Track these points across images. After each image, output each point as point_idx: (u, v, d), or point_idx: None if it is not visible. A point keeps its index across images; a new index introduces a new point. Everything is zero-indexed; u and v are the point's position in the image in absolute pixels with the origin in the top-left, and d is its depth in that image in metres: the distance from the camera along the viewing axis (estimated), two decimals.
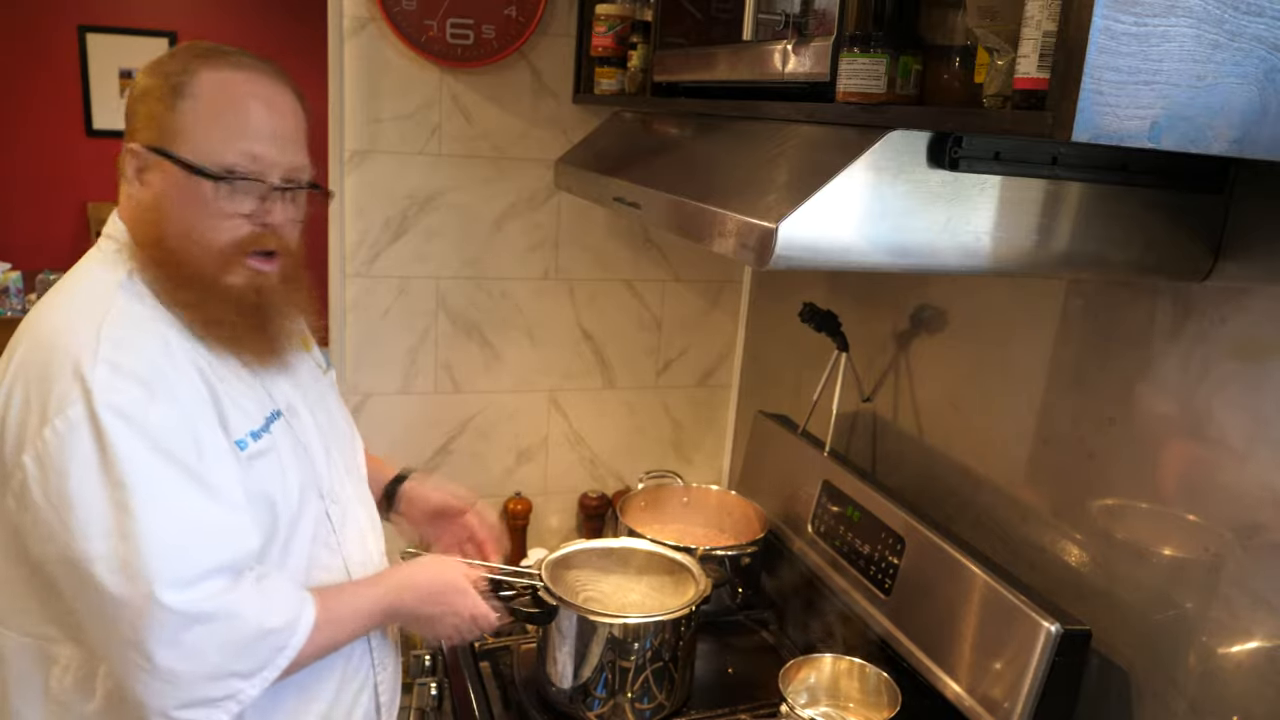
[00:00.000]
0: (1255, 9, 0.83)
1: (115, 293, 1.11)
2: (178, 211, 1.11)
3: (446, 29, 2.02)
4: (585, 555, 1.64)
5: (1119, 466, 1.31)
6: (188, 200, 1.11)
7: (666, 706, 1.51)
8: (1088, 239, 1.09)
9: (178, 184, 1.11)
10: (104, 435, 1.01)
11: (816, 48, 1.16)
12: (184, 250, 1.12)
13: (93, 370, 1.02)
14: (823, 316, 1.80)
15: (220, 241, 1.12)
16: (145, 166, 1.12)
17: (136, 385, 1.04)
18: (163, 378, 1.07)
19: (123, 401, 1.02)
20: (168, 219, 1.12)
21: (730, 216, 1.09)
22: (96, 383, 1.02)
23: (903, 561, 1.50)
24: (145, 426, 1.03)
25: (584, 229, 2.26)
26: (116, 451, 1.01)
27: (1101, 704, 1.31)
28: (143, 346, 1.08)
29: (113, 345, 1.05)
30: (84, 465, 1.01)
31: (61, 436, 1.01)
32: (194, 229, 1.11)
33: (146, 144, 1.11)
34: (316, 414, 1.30)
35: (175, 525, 1.03)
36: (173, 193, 1.11)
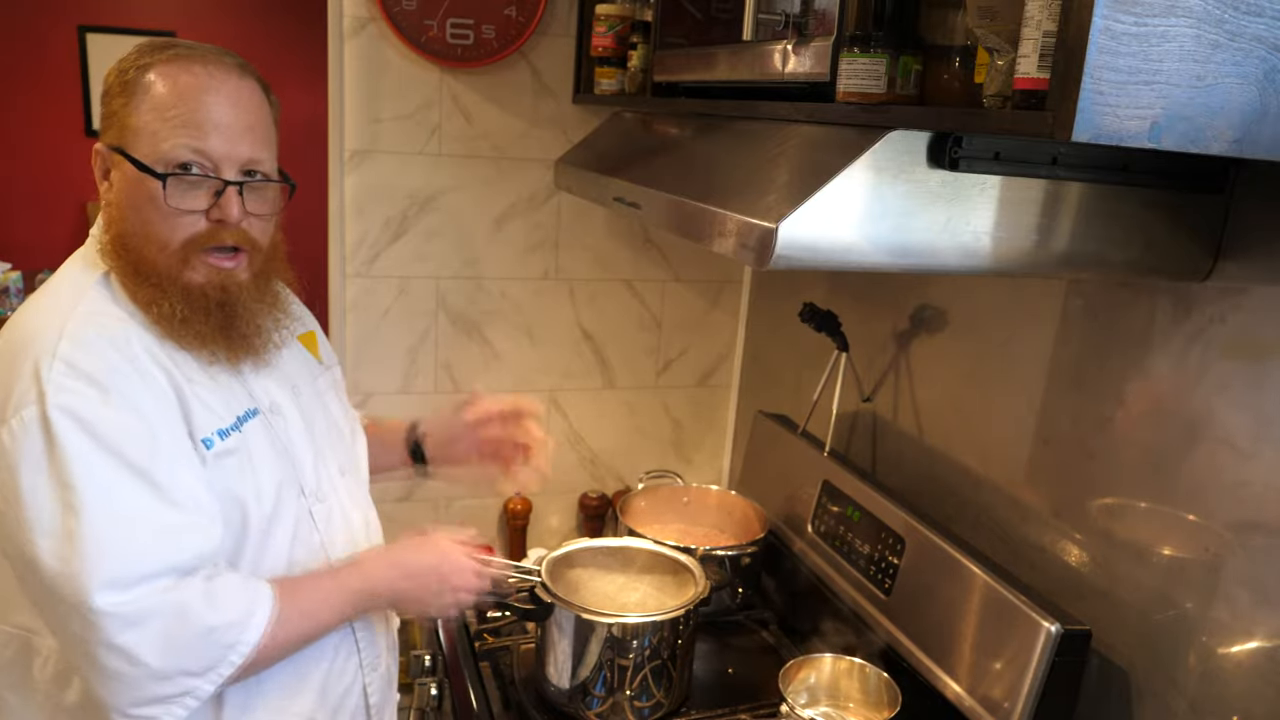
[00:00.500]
0: (1255, 9, 0.83)
1: (87, 291, 1.11)
2: (135, 210, 1.11)
3: (446, 29, 2.02)
4: (587, 554, 1.64)
5: (1119, 466, 1.31)
6: (142, 199, 1.10)
7: (665, 705, 1.51)
8: (1088, 239, 1.09)
9: (132, 183, 1.10)
10: (54, 435, 1.01)
11: (816, 48, 1.16)
12: (143, 249, 1.11)
13: (49, 370, 1.03)
14: (823, 316, 1.80)
15: (176, 239, 1.11)
16: (109, 166, 1.13)
17: (90, 385, 1.04)
18: (118, 378, 1.06)
19: (75, 402, 1.02)
20: (126, 218, 1.12)
21: (730, 216, 1.09)
22: (51, 382, 1.02)
23: (903, 561, 1.50)
24: (95, 427, 1.03)
25: (584, 229, 2.26)
26: (65, 452, 1.01)
27: (1101, 704, 1.31)
28: (102, 346, 1.07)
29: (72, 344, 1.05)
30: (34, 465, 1.01)
31: (15, 436, 1.02)
32: (150, 227, 1.11)
33: (108, 144, 1.12)
34: (309, 412, 1.29)
35: (118, 527, 1.03)
36: (129, 192, 1.11)
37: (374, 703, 1.34)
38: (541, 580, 1.50)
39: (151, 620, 1.03)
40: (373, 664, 1.33)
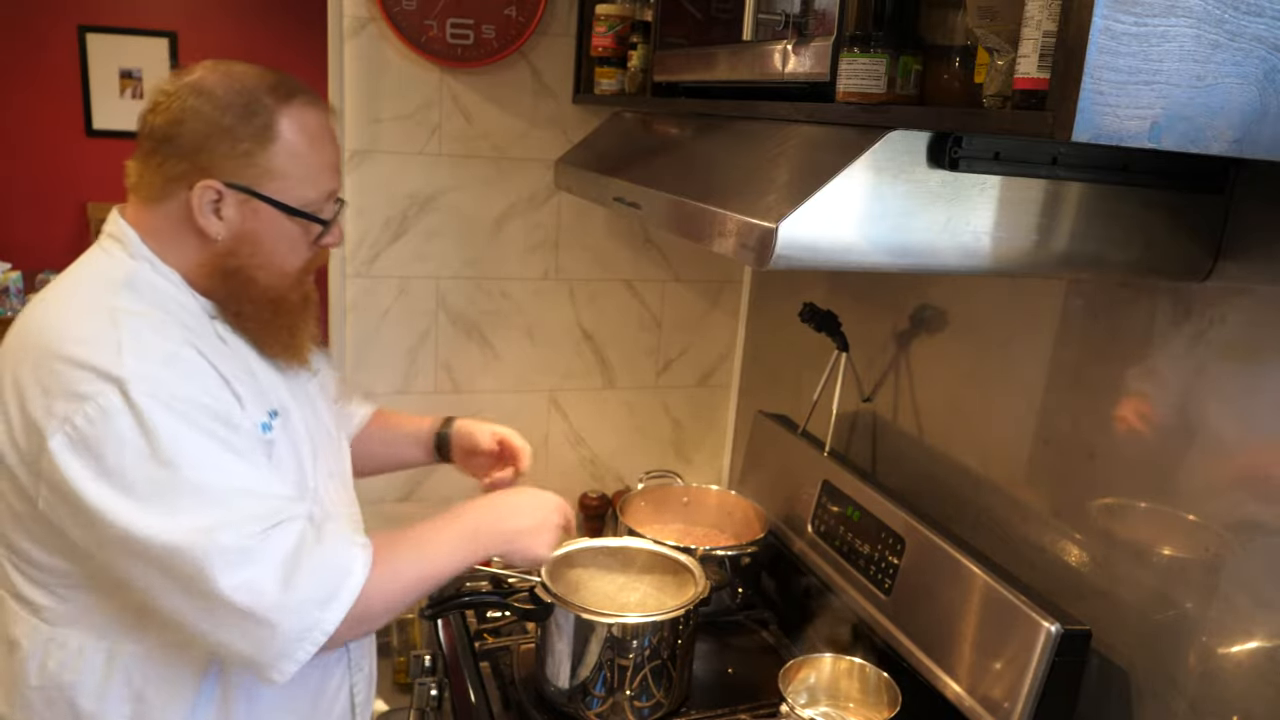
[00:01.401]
0: (1255, 9, 0.83)
1: (121, 294, 1.12)
2: (266, 244, 1.16)
3: (446, 29, 2.02)
4: (588, 554, 1.64)
5: (1119, 466, 1.31)
6: (279, 235, 1.16)
7: (665, 705, 1.51)
8: (1088, 239, 1.09)
9: (268, 221, 1.15)
10: (142, 416, 1.03)
11: (816, 48, 1.16)
12: (259, 277, 1.17)
13: (120, 363, 1.04)
14: (823, 316, 1.80)
15: (297, 268, 1.21)
16: (224, 202, 1.13)
17: (162, 368, 1.06)
18: (183, 361, 1.09)
19: (155, 387, 1.04)
20: (253, 251, 1.16)
21: (730, 216, 1.09)
22: (126, 371, 1.03)
23: (903, 561, 1.50)
24: (179, 407, 1.05)
25: (584, 229, 2.26)
26: (158, 430, 1.03)
27: (1101, 704, 1.31)
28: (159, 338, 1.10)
29: (132, 335, 1.07)
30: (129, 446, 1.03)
31: (95, 422, 1.02)
32: (277, 259, 1.17)
33: (230, 182, 1.12)
34: (306, 417, 1.31)
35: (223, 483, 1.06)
36: (262, 229, 1.15)
37: (359, 701, 1.36)
38: (541, 580, 1.50)
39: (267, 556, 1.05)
40: (359, 664, 1.35)
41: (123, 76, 5.32)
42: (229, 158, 1.12)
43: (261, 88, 1.14)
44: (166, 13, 5.33)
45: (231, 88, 1.13)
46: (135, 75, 5.34)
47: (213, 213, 1.13)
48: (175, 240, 1.15)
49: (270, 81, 1.15)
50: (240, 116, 1.12)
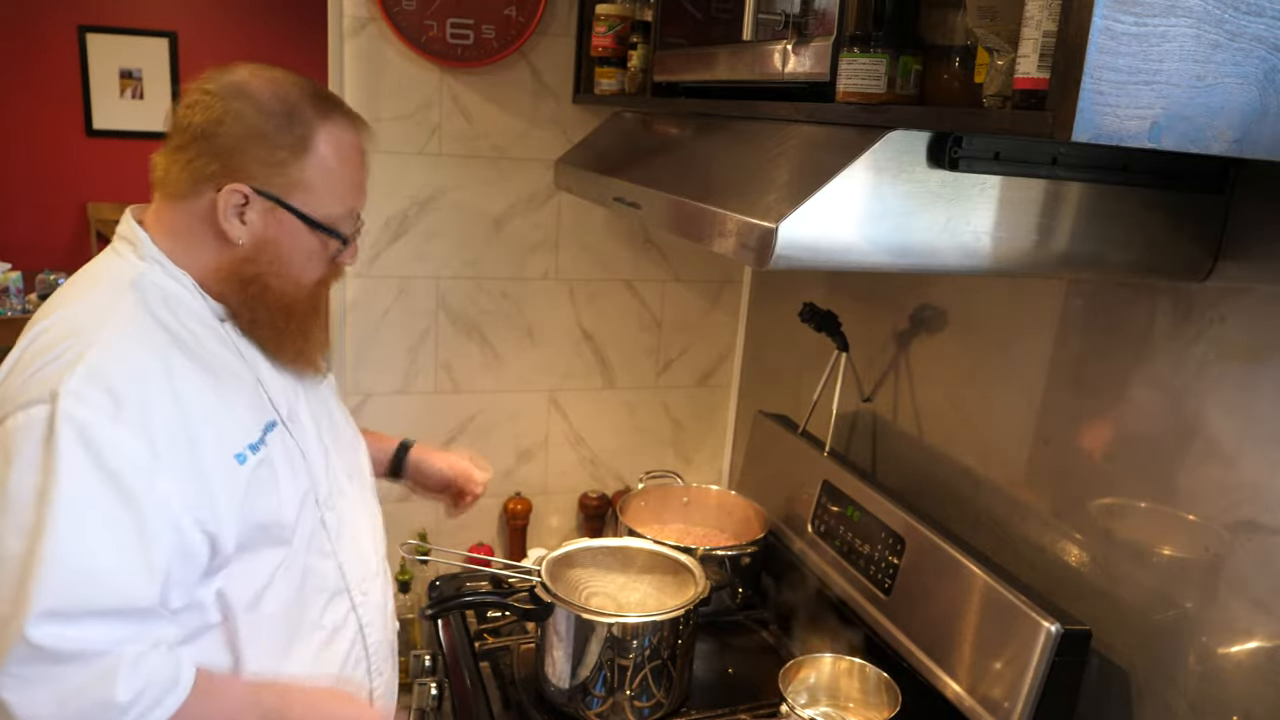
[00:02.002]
0: (1255, 9, 0.83)
1: (125, 295, 1.10)
2: (283, 253, 1.15)
3: (446, 29, 2.02)
4: (588, 554, 1.64)
5: (1119, 466, 1.31)
6: (297, 245, 1.15)
7: (665, 705, 1.51)
8: (1088, 239, 1.09)
9: (290, 231, 1.14)
10: (54, 442, 0.99)
11: (816, 48, 1.16)
12: (276, 284, 1.16)
13: (71, 374, 1.01)
14: (823, 316, 1.80)
15: (313, 280, 1.20)
16: (249, 206, 1.12)
17: (107, 398, 1.01)
18: (141, 396, 1.04)
19: (84, 414, 1.00)
20: (272, 260, 1.15)
21: (730, 216, 1.09)
22: (67, 387, 1.00)
23: (903, 561, 1.50)
24: (97, 444, 1.00)
25: (584, 229, 2.26)
26: (58, 463, 0.98)
27: (1101, 704, 1.31)
28: (135, 358, 1.06)
29: (103, 350, 1.04)
30: (26, 463, 0.99)
31: (18, 428, 1.00)
32: (294, 269, 1.17)
33: (258, 188, 1.11)
34: (318, 418, 1.29)
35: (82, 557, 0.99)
36: (283, 238, 1.14)
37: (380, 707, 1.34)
38: (541, 580, 1.50)
39: (68, 664, 0.98)
40: (379, 669, 1.34)
41: (123, 76, 5.33)
42: (263, 164, 1.11)
43: (304, 99, 1.13)
44: (166, 13, 5.33)
45: (275, 94, 1.12)
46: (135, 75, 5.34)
47: (237, 217, 1.12)
48: (194, 240, 1.14)
49: (312, 93, 1.15)
50: (280, 125, 1.11)
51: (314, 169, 1.13)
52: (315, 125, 1.13)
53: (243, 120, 1.10)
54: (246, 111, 1.10)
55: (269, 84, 1.13)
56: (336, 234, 1.18)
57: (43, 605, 0.96)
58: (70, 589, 0.98)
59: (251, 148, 1.10)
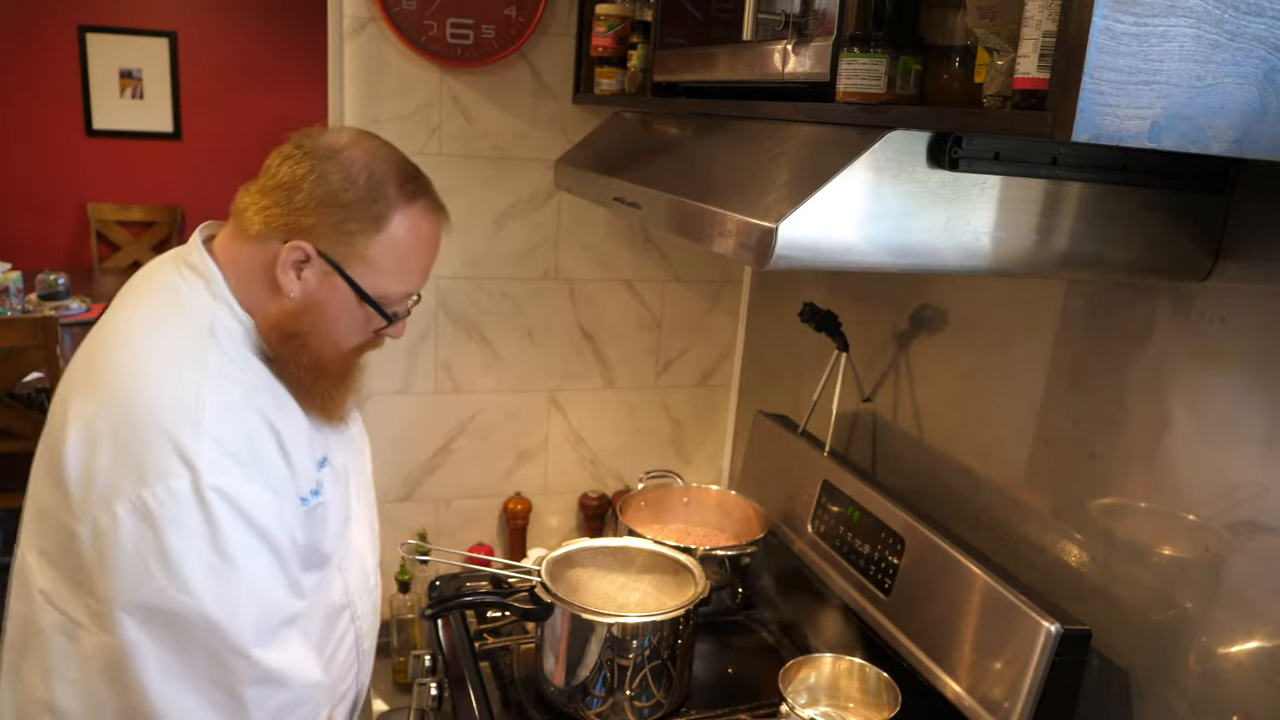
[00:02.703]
0: (1255, 9, 0.83)
1: (208, 348, 1.13)
2: (328, 318, 1.17)
3: (446, 29, 2.02)
4: (587, 554, 1.64)
5: (1119, 466, 1.31)
6: (343, 313, 1.17)
7: (665, 705, 1.51)
8: (1088, 239, 1.09)
9: (341, 299, 1.16)
10: (210, 512, 1.06)
11: (816, 48, 1.16)
12: (315, 344, 1.18)
13: (197, 445, 1.06)
14: (823, 316, 1.80)
15: (351, 347, 1.23)
16: (308, 265, 1.14)
17: (235, 464, 1.09)
18: (255, 456, 1.12)
19: (225, 482, 1.07)
20: (314, 319, 1.17)
21: (730, 216, 1.09)
22: (202, 459, 1.06)
23: (903, 561, 1.50)
24: (241, 505, 1.08)
25: (584, 229, 2.26)
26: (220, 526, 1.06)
27: (1101, 704, 1.31)
28: (239, 419, 1.12)
29: (213, 417, 1.08)
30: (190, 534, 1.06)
31: (164, 504, 1.05)
32: (336, 334, 1.19)
33: (322, 251, 1.14)
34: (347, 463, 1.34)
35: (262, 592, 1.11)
36: (331, 303, 1.16)
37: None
38: (541, 580, 1.50)
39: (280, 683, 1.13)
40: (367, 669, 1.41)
41: (123, 76, 5.32)
42: (333, 230, 1.13)
43: (392, 177, 1.15)
44: (166, 13, 5.33)
45: (365, 166, 1.14)
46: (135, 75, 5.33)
47: (295, 271, 1.14)
48: (252, 284, 1.17)
49: (403, 174, 1.17)
50: (361, 198, 1.13)
51: (382, 247, 1.14)
52: (396, 207, 1.14)
53: (326, 184, 1.12)
54: (333, 177, 1.13)
55: (363, 154, 1.15)
56: (384, 312, 1.19)
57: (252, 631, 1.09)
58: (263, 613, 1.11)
59: (327, 213, 1.12)
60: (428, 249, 1.20)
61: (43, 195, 5.31)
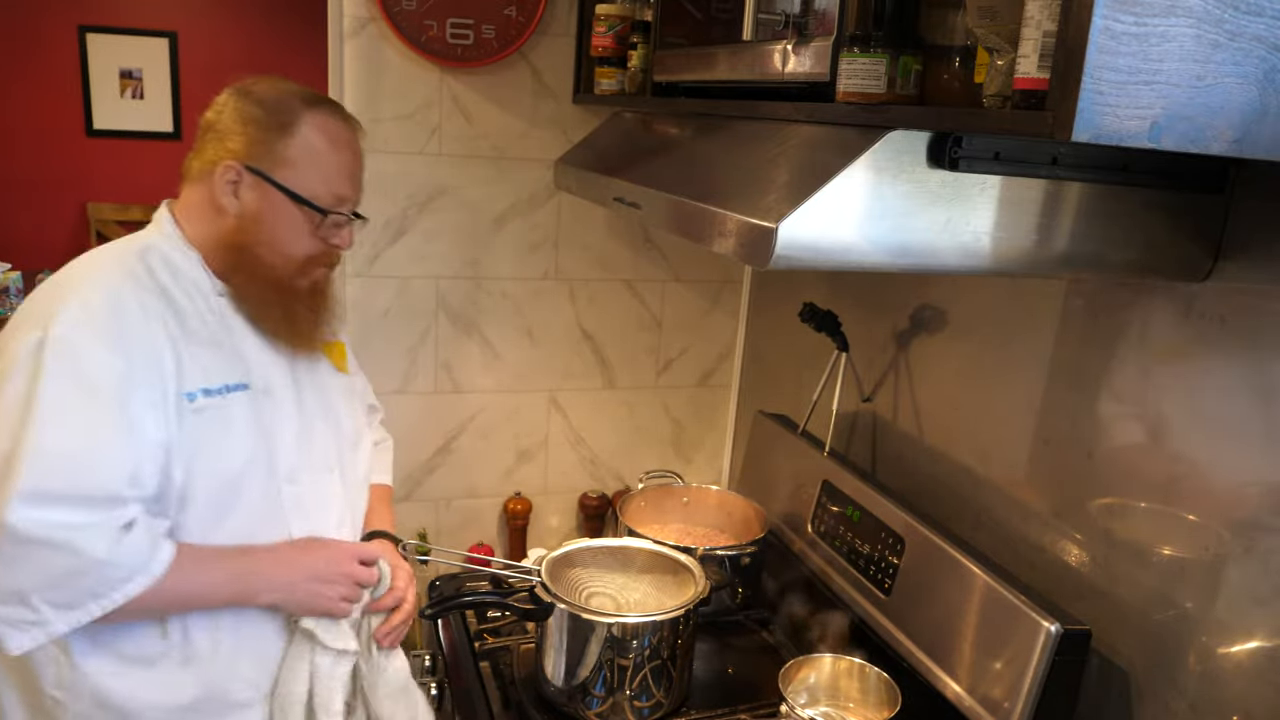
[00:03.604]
0: (1255, 9, 0.83)
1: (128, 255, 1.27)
2: (269, 225, 1.29)
3: (446, 29, 2.02)
4: (587, 554, 1.64)
5: (1119, 466, 1.31)
6: (283, 221, 1.29)
7: (665, 705, 1.51)
8: (1088, 239, 1.09)
9: (276, 205, 1.29)
10: (41, 355, 1.14)
11: (816, 48, 1.16)
12: (266, 257, 1.30)
13: (63, 305, 1.18)
14: (823, 316, 1.80)
15: (302, 256, 1.33)
16: (242, 183, 1.28)
17: (88, 323, 1.18)
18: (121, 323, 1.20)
19: (68, 332, 1.16)
20: (258, 231, 1.29)
21: (730, 216, 1.09)
22: (57, 316, 1.16)
23: (903, 561, 1.50)
24: (78, 355, 1.16)
25: (584, 229, 2.26)
26: (43, 370, 1.13)
27: (1101, 704, 1.31)
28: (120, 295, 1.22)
29: (94, 287, 1.21)
30: (17, 376, 1.14)
31: (15, 353, 1.15)
32: (283, 245, 1.31)
33: (248, 165, 1.27)
34: (308, 407, 1.39)
35: (60, 445, 1.13)
36: (269, 211, 1.29)
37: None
38: (541, 580, 1.50)
39: (45, 546, 1.11)
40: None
41: (123, 76, 5.33)
42: (252, 144, 1.27)
43: (296, 95, 1.31)
44: (166, 13, 5.33)
45: (270, 93, 1.30)
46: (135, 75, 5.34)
47: (231, 191, 1.28)
48: (201, 216, 1.30)
49: (305, 93, 1.32)
50: (269, 110, 1.28)
51: (297, 148, 1.28)
52: (302, 113, 1.29)
53: (238, 110, 1.29)
54: (243, 104, 1.30)
55: (268, 86, 1.32)
56: (319, 208, 1.30)
57: (22, 488, 1.10)
58: (49, 474, 1.12)
59: (242, 130, 1.28)
60: (342, 150, 1.32)
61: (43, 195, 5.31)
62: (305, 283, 1.36)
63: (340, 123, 1.33)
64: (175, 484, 1.22)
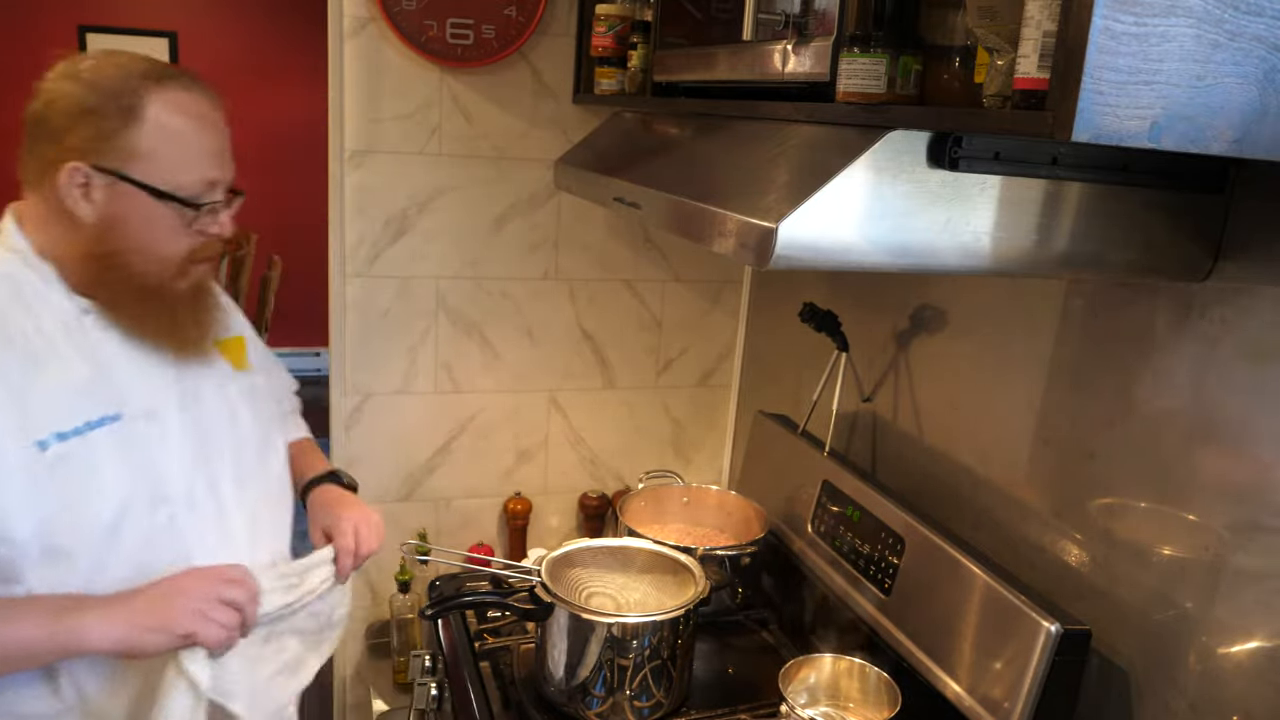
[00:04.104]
0: (1255, 9, 0.83)
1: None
2: (134, 227, 1.13)
3: (446, 29, 2.02)
4: (587, 554, 1.64)
5: (1119, 466, 1.31)
6: (148, 220, 1.13)
7: (665, 705, 1.51)
8: (1088, 239, 1.09)
9: (137, 204, 1.12)
10: None
11: (816, 48, 1.16)
12: (138, 264, 1.15)
13: None
14: (823, 316, 1.80)
15: (179, 254, 1.18)
16: (92, 185, 1.11)
17: None
18: None
19: None
20: (121, 237, 1.13)
21: (730, 216, 1.09)
22: None
23: (903, 561, 1.50)
24: None
25: (584, 229, 2.26)
26: None
27: (1101, 704, 1.31)
28: None
29: None
30: None
31: None
32: (153, 244, 1.15)
33: (96, 164, 1.11)
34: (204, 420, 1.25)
35: None
36: (131, 212, 1.13)
37: None
38: (541, 580, 1.50)
39: None
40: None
41: None
42: (95, 139, 1.10)
43: (135, 72, 1.12)
44: (166, 13, 5.33)
45: (103, 72, 1.12)
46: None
47: (82, 196, 1.11)
48: (52, 227, 1.14)
49: (146, 67, 1.13)
50: (106, 96, 1.10)
51: (150, 137, 1.11)
52: (145, 93, 1.11)
53: (69, 98, 1.11)
54: (73, 90, 1.11)
55: (99, 64, 1.13)
56: (187, 202, 1.14)
57: None
58: None
59: (81, 124, 1.10)
60: (202, 127, 1.15)
61: None
62: (185, 284, 1.20)
63: (195, 96, 1.15)
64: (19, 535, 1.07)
